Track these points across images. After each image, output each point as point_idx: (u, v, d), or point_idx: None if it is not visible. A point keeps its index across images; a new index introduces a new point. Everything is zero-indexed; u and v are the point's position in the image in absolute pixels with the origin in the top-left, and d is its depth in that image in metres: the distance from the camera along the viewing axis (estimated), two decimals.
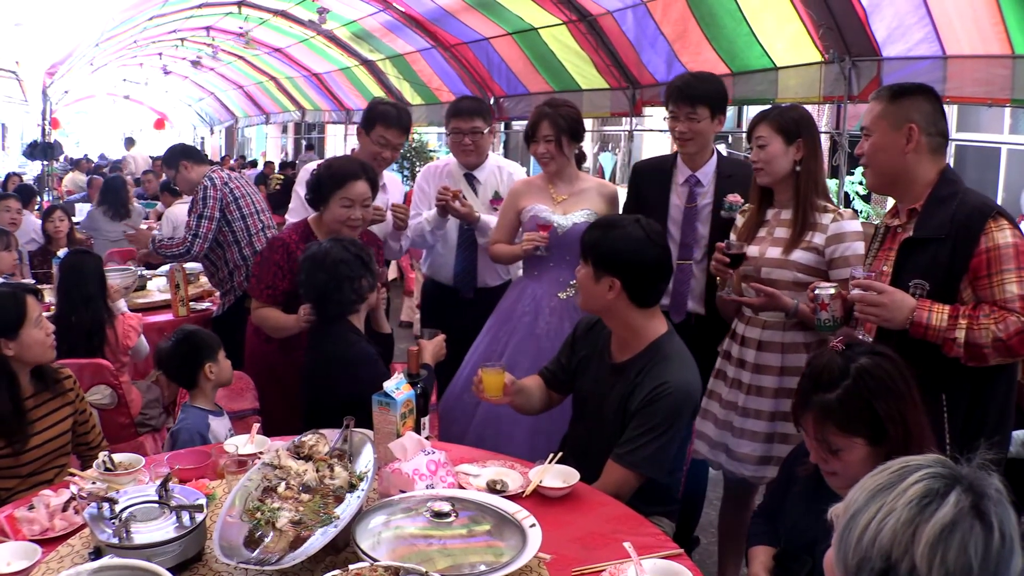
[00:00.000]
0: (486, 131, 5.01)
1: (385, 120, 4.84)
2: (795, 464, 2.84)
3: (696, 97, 4.17)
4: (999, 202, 12.63)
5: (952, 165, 11.29)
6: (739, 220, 3.95)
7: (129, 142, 26.48)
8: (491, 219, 4.84)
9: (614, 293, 3.20)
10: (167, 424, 4.87)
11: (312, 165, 4.78)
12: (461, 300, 5.08)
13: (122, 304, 5.11)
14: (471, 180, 5.11)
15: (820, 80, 7.65)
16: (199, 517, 2.37)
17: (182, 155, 6.13)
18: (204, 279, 6.53)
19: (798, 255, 3.65)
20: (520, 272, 4.80)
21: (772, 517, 2.90)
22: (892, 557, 1.43)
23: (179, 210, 9.93)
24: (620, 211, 4.53)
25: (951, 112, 12.79)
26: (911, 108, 3.03)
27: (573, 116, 4.49)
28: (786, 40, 7.91)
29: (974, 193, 3.00)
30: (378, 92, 16.53)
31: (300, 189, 4.82)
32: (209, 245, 5.63)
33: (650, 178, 4.50)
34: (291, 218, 4.91)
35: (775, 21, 7.82)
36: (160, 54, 23.82)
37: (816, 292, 3.20)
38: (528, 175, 5.21)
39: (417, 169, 18.53)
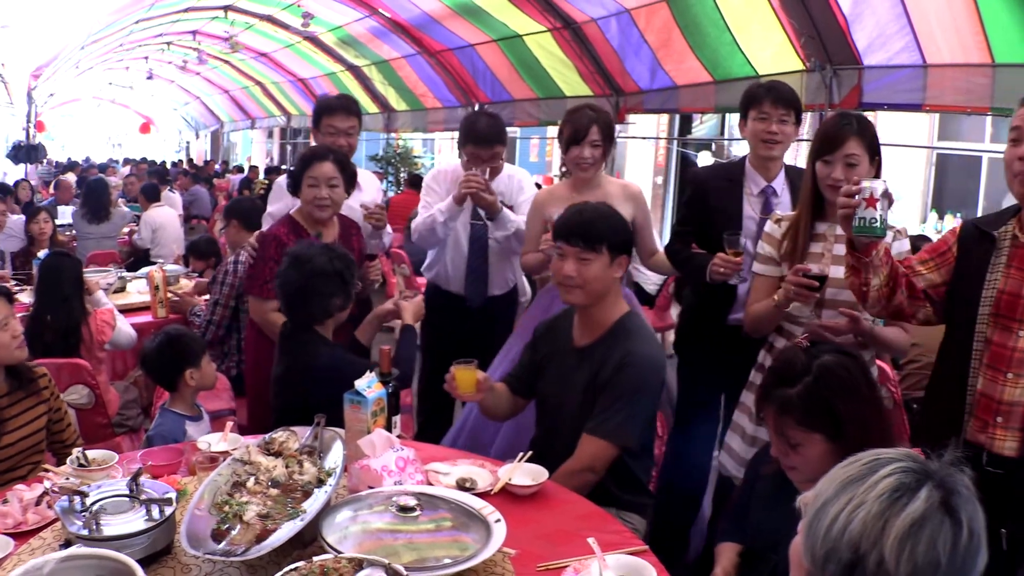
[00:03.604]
0: (503, 153, 4.92)
1: (328, 110, 4.87)
2: (760, 464, 2.87)
3: (789, 100, 4.01)
4: (980, 210, 12.77)
5: (934, 173, 11.39)
6: (776, 231, 3.61)
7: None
8: (509, 214, 4.81)
9: (621, 270, 3.37)
10: (145, 425, 4.86)
11: (282, 181, 4.88)
12: (466, 309, 4.99)
13: (101, 296, 5.11)
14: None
15: (802, 88, 7.67)
16: (168, 510, 2.38)
17: (235, 213, 6.22)
18: (184, 281, 6.54)
19: None
20: (522, 279, 4.78)
21: (738, 516, 2.92)
22: (861, 549, 1.44)
23: (156, 214, 9.97)
24: (667, 215, 4.45)
25: (932, 121, 12.87)
26: None
27: (611, 123, 4.48)
28: (769, 49, 7.95)
29: None
30: (364, 97, 16.57)
31: (270, 206, 4.92)
32: None
33: (718, 187, 4.23)
34: (264, 225, 4.91)
35: (758, 30, 7.87)
36: (146, 58, 23.87)
37: (865, 184, 2.86)
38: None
39: (402, 174, 18.52)
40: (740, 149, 12.45)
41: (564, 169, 4.64)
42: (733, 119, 13.17)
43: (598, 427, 3.22)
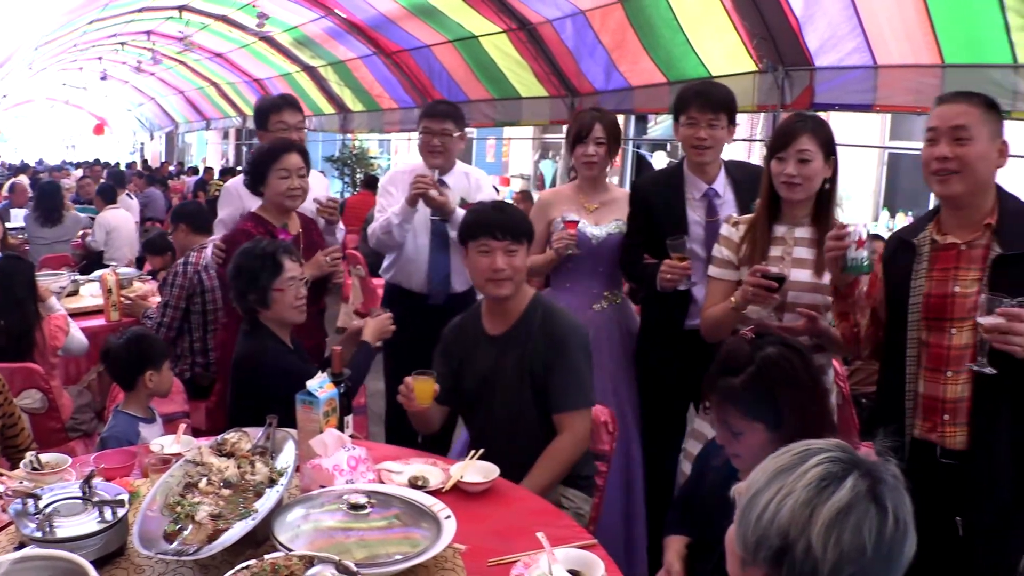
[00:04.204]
0: (456, 135, 4.93)
1: (275, 107, 4.91)
2: (708, 458, 2.91)
3: (718, 103, 3.97)
4: (931, 207, 12.91)
5: (885, 172, 11.54)
6: (734, 234, 3.59)
7: None
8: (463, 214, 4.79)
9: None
10: (98, 429, 4.84)
11: (234, 183, 4.90)
12: (429, 307, 4.92)
13: (54, 302, 5.08)
14: (440, 184, 4.95)
15: (754, 89, 7.77)
16: (121, 512, 2.40)
17: (182, 217, 6.23)
18: (138, 284, 6.50)
19: (829, 278, 3.35)
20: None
21: (686, 508, 2.98)
22: (790, 536, 1.50)
23: (111, 216, 9.89)
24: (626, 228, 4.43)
25: (884, 120, 13.03)
26: (1000, 123, 2.93)
27: (616, 124, 4.48)
28: (721, 50, 8.03)
29: None
30: (319, 98, 16.55)
31: (219, 209, 4.91)
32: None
33: (658, 195, 4.20)
34: (216, 232, 4.91)
35: (711, 31, 7.94)
36: (100, 58, 23.66)
37: (851, 228, 2.99)
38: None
39: (359, 175, 18.46)
40: None
41: (573, 175, 4.66)
42: None
43: (571, 400, 3.39)
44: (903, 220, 13.15)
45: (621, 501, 4.27)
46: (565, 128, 11.18)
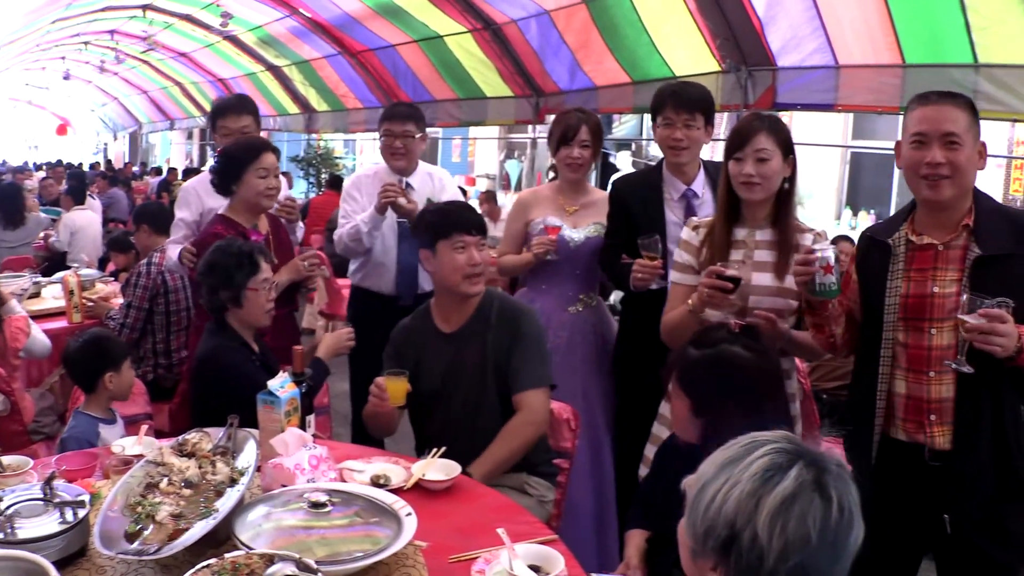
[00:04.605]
0: (417, 136, 4.94)
1: (220, 112, 4.89)
2: (667, 454, 2.95)
3: (694, 103, 3.95)
4: (893, 207, 13.06)
5: (848, 171, 11.66)
6: (694, 238, 3.55)
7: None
8: None
9: None
10: (61, 432, 4.81)
11: (192, 183, 4.90)
12: (397, 308, 4.78)
13: (14, 304, 5.04)
14: (405, 187, 4.99)
15: (717, 89, 7.80)
16: (82, 513, 2.40)
17: (144, 218, 6.19)
18: (100, 285, 6.46)
19: (791, 281, 3.33)
20: None
21: (646, 504, 3.02)
22: (736, 526, 1.54)
23: (77, 216, 9.83)
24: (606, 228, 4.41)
25: (846, 120, 13.14)
26: (979, 124, 2.92)
27: (600, 125, 4.50)
28: (685, 50, 8.07)
29: (1004, 204, 3.04)
30: (284, 98, 16.49)
31: (179, 211, 4.84)
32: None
33: (637, 196, 4.19)
34: (171, 236, 4.87)
35: (674, 32, 7.99)
36: (63, 58, 23.45)
37: (820, 253, 2.97)
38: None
39: (323, 175, 18.41)
40: (658, 149, 12.58)
41: (553, 175, 4.63)
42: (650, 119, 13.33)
43: (527, 380, 3.45)
44: (866, 218, 13.29)
45: (593, 506, 4.28)
46: (530, 128, 11.27)
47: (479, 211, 4.30)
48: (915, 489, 2.97)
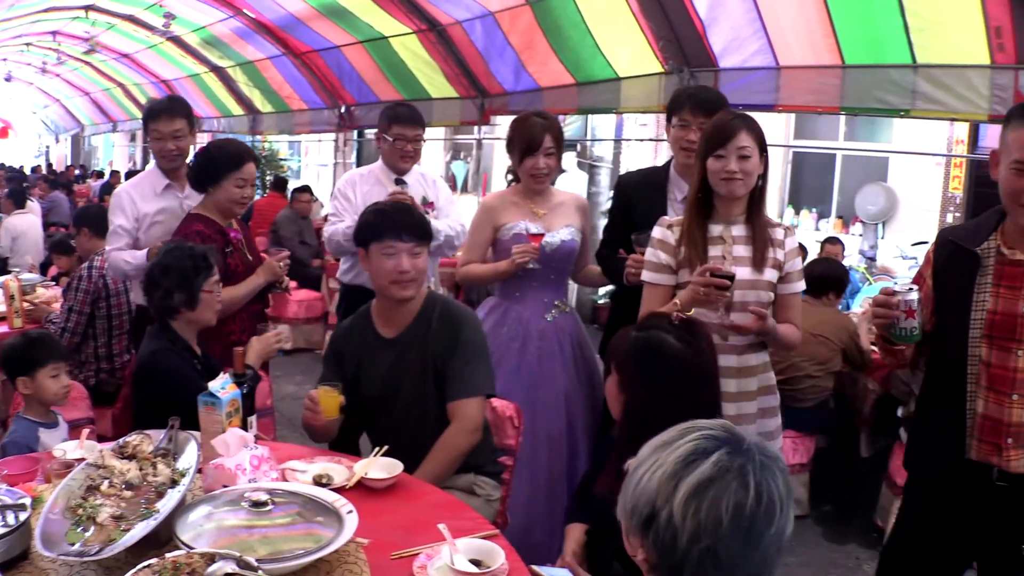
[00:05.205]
0: (424, 138, 5.05)
1: (151, 115, 4.81)
2: (607, 448, 3.00)
3: (710, 106, 3.92)
4: (834, 205, 13.23)
5: (790, 170, 11.77)
6: (670, 236, 3.54)
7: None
8: (436, 224, 4.68)
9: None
10: (2, 437, 4.77)
11: (125, 188, 4.85)
12: None
13: None
14: (402, 185, 5.07)
15: (660, 90, 7.87)
16: (23, 516, 2.40)
17: (85, 221, 6.15)
18: (42, 290, 6.39)
19: (768, 274, 3.46)
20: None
21: (585, 497, 3.09)
22: (656, 505, 1.60)
23: (18, 220, 9.72)
24: (600, 226, 4.45)
25: (788, 120, 13.29)
26: None
27: (562, 130, 4.42)
28: (629, 51, 8.13)
29: None
30: (228, 99, 16.36)
31: (115, 218, 4.75)
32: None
33: (641, 195, 4.20)
34: (107, 246, 4.80)
35: (618, 33, 8.03)
36: (5, 59, 23.12)
37: (901, 297, 2.83)
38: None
39: (268, 177, 18.27)
40: (602, 149, 12.63)
41: (510, 178, 4.52)
42: (596, 120, 13.37)
43: (465, 388, 3.42)
44: (807, 216, 13.46)
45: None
46: (476, 129, 11.26)
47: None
48: (982, 512, 2.89)
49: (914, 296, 2.81)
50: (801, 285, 3.56)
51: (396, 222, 3.47)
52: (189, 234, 4.31)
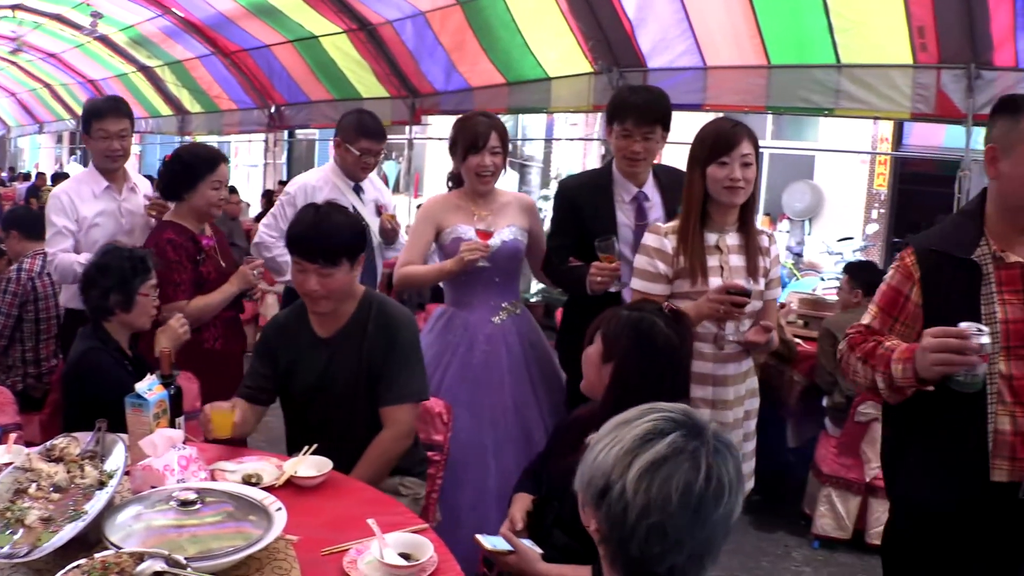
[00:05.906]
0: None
1: (97, 113, 4.76)
2: (561, 431, 3.16)
3: (655, 116, 3.88)
4: (762, 203, 13.40)
5: None
6: (667, 244, 3.45)
7: None
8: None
9: (360, 266, 3.49)
10: None
11: (63, 189, 4.80)
12: None
13: None
14: (359, 192, 5.16)
15: (590, 90, 7.98)
16: None
17: (14, 224, 6.04)
18: None
19: (760, 283, 3.46)
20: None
21: (536, 471, 3.18)
22: (610, 479, 1.68)
23: None
24: (546, 227, 4.38)
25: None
26: None
27: (506, 128, 4.34)
28: (558, 51, 8.21)
29: None
30: (156, 99, 16.20)
31: (57, 219, 4.68)
32: None
33: (587, 198, 4.11)
34: (50, 248, 4.72)
35: (548, 34, 8.12)
36: None
37: (976, 340, 2.45)
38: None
39: None
40: (532, 149, 12.70)
41: (452, 184, 4.44)
42: (526, 119, 13.46)
43: (400, 394, 3.41)
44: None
45: None
46: (407, 129, 11.27)
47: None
48: (1008, 531, 2.68)
49: (987, 340, 2.45)
50: (779, 292, 3.63)
51: (308, 241, 3.35)
52: (160, 242, 4.29)
